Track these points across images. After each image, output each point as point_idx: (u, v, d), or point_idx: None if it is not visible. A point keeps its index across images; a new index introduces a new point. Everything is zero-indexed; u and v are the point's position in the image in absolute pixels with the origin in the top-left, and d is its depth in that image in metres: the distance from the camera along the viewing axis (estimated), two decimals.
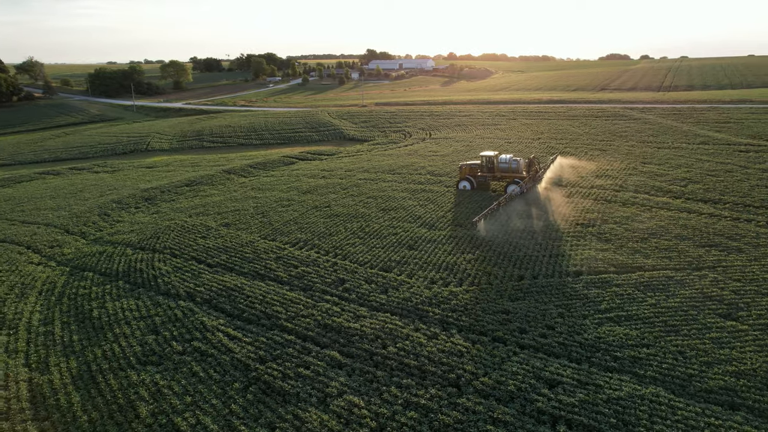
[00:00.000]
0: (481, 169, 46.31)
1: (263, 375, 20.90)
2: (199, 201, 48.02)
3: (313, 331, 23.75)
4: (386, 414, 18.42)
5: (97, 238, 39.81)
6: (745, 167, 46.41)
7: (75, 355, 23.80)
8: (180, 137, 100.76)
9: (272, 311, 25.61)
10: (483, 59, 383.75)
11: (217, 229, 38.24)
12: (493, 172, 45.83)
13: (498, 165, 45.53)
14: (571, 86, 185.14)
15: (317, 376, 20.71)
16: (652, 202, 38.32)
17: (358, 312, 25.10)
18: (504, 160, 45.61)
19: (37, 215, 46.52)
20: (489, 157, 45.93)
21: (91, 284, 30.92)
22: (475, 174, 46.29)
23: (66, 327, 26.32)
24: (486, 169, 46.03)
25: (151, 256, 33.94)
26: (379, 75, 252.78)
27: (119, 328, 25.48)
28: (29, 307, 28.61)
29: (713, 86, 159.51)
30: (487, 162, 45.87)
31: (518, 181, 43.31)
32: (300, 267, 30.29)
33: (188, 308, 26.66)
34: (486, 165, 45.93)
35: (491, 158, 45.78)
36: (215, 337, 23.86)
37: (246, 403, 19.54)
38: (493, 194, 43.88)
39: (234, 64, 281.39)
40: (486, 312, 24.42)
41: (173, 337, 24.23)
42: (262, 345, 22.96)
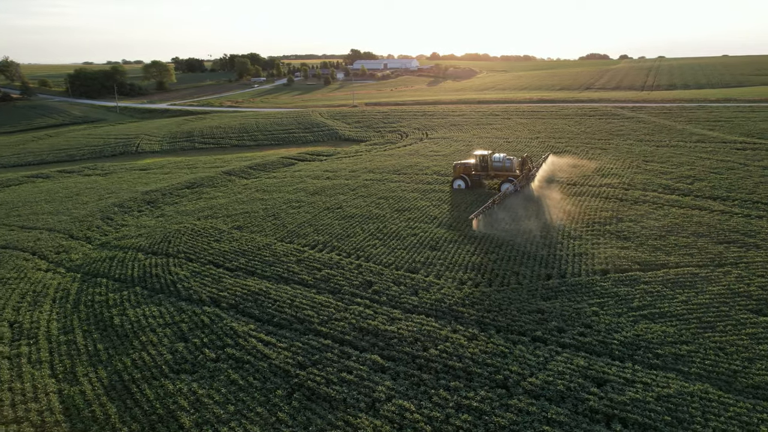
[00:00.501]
0: (474, 168, 46.84)
1: (306, 381, 20.52)
2: (204, 203, 47.16)
3: (350, 334, 23.43)
4: (439, 417, 18.22)
5: (104, 243, 38.76)
6: (746, 165, 47.42)
7: (102, 364, 23.06)
8: (170, 139, 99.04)
9: (303, 315, 25.20)
10: (465, 59, 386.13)
11: (229, 232, 37.57)
12: (487, 170, 46.41)
13: (492, 164, 46.13)
14: (555, 86, 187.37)
15: (361, 380, 20.41)
16: (662, 200, 38.85)
17: (392, 314, 24.86)
18: (498, 158, 46.25)
19: (36, 220, 45.12)
20: (483, 155, 46.49)
21: (107, 291, 30.06)
22: (469, 173, 46.74)
23: (88, 335, 25.50)
24: (480, 167, 46.59)
25: (166, 261, 33.16)
26: (364, 75, 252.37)
27: (145, 335, 24.78)
28: (45, 316, 27.67)
29: (693, 86, 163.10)
30: (481, 161, 46.41)
31: (512, 180, 43.88)
32: (324, 270, 29.90)
33: (214, 314, 26.08)
34: (480, 164, 46.48)
35: (485, 157, 46.33)
36: (248, 343, 23.37)
37: (292, 410, 19.15)
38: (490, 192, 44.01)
39: (217, 65, 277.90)
40: (521, 312, 24.40)
41: (204, 344, 23.65)
42: (299, 350, 22.56)
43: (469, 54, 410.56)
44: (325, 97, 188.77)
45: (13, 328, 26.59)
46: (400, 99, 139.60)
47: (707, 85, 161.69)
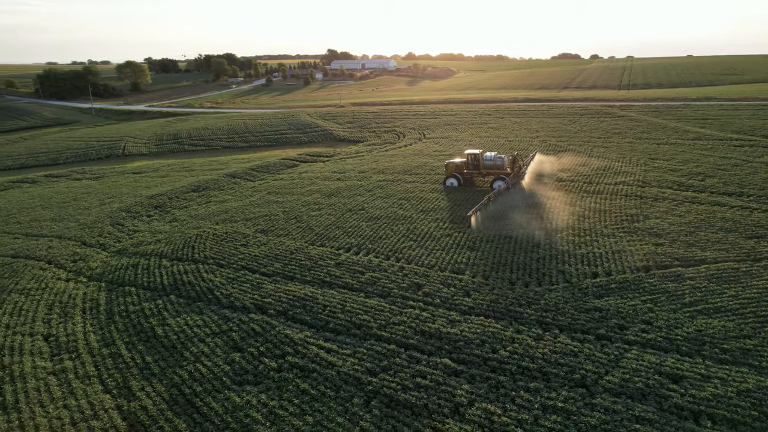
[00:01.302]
0: (466, 167, 47.82)
1: (380, 388, 20.07)
2: (216, 207, 45.91)
3: (413, 338, 23.06)
4: (528, 419, 18.06)
5: (121, 250, 37.28)
6: (748, 161, 48.96)
7: (156, 378, 22.07)
8: (156, 141, 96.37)
9: (359, 320, 24.70)
10: (441, 59, 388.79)
11: (254, 236, 36.63)
12: (479, 169, 47.42)
13: (483, 162, 47.24)
14: (535, 85, 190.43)
15: (438, 385, 20.09)
16: (680, 197, 39.73)
17: (450, 317, 24.60)
18: (489, 157, 47.48)
19: (40, 227, 43.09)
20: (475, 154, 47.65)
21: (139, 300, 28.86)
22: (461, 171, 47.69)
23: (132, 348, 24.40)
24: (471, 166, 47.68)
25: (195, 267, 32.07)
26: (343, 75, 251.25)
27: (194, 346, 23.85)
28: (80, 328, 26.37)
29: (667, 84, 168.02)
30: (472, 159, 47.55)
31: (504, 177, 44.98)
32: (366, 273, 29.41)
33: (264, 321, 25.31)
34: (471, 162, 47.62)
35: (477, 156, 47.49)
36: (308, 350, 22.75)
37: (374, 418, 18.68)
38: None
39: (191, 65, 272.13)
40: (579, 310, 24.49)
41: (261, 354, 22.91)
42: (365, 356, 22.07)
43: (444, 54, 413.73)
44: (306, 97, 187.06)
45: (50, 341, 25.25)
46: (386, 99, 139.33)
47: (680, 84, 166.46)
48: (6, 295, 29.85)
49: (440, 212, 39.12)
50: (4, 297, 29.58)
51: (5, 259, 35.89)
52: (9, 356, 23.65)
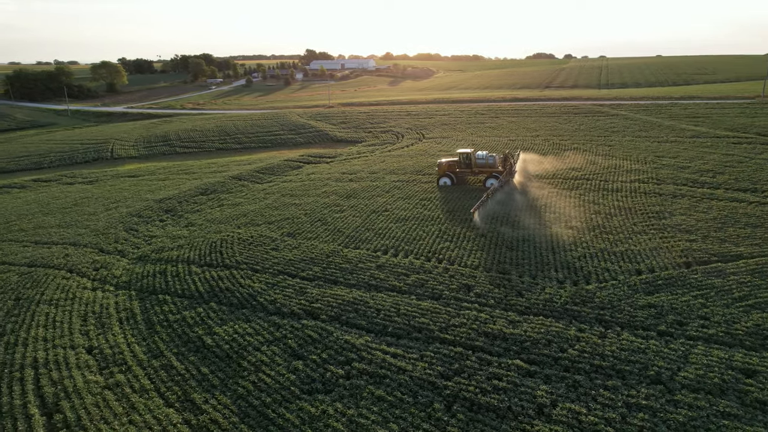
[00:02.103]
0: (459, 165, 48.59)
1: (458, 391, 19.81)
2: (232, 211, 44.82)
3: (478, 340, 22.86)
4: (615, 418, 18.06)
5: (142, 257, 36.00)
6: (751, 158, 50.44)
7: (218, 389, 21.30)
8: (145, 143, 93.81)
9: (417, 323, 24.36)
10: (418, 59, 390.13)
11: (282, 240, 35.86)
12: (471, 167, 48.22)
13: (476, 161, 48.17)
14: (516, 84, 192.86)
15: (516, 387, 19.94)
16: (697, 194, 40.61)
17: (509, 317, 24.49)
18: (481, 156, 48.56)
19: (48, 234, 41.28)
20: (467, 153, 48.58)
21: (178, 308, 27.87)
22: (454, 170, 48.43)
23: (183, 358, 23.51)
24: (464, 165, 48.46)
25: (229, 273, 31.17)
26: (323, 75, 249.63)
27: (251, 355, 23.13)
28: (121, 339, 25.29)
29: (644, 84, 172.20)
30: (464, 159, 48.37)
31: (497, 175, 46.10)
32: (411, 275, 29.07)
33: (318, 327, 24.73)
34: (464, 161, 48.41)
35: (469, 155, 48.41)
36: (374, 356, 22.31)
37: (460, 423, 18.41)
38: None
39: (167, 66, 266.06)
40: (634, 307, 24.69)
41: (324, 361, 22.35)
42: (434, 360, 21.76)
43: (422, 54, 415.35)
44: (289, 97, 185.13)
45: (94, 354, 24.13)
46: (374, 99, 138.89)
47: (657, 83, 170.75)
48: (34, 306, 28.44)
49: (466, 212, 39.01)
50: (33, 308, 28.17)
51: (22, 268, 34.23)
52: (56, 371, 22.49)
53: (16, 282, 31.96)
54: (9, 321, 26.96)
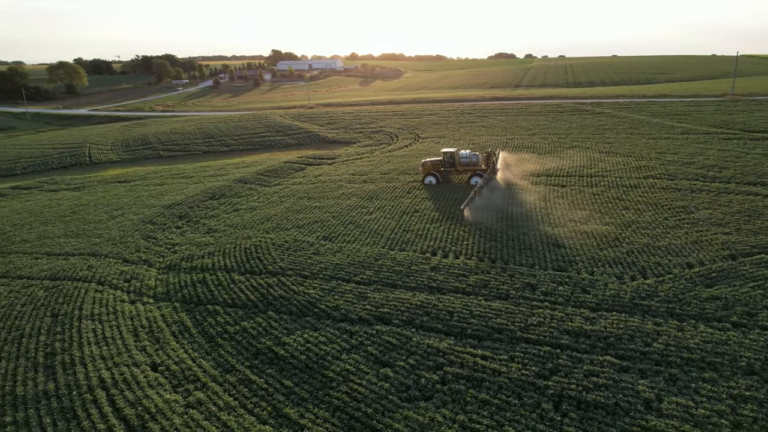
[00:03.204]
0: (443, 164, 49.65)
1: (561, 391, 19.73)
2: (251, 215, 43.38)
3: (562, 338, 22.88)
4: (725, 410, 18.41)
5: (171, 266, 34.32)
6: (746, 153, 52.89)
7: (310, 402, 20.46)
8: (123, 147, 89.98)
9: (495, 324, 24.18)
10: (383, 59, 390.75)
11: (320, 244, 34.96)
12: (455, 166, 49.33)
13: (459, 160, 49.38)
14: (487, 84, 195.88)
15: (616, 383, 20.03)
16: (712, 188, 42.19)
17: (583, 314, 24.66)
18: (464, 155, 49.91)
19: (58, 245, 38.75)
20: (450, 152, 49.83)
21: (234, 319, 26.67)
22: (438, 169, 49.46)
23: (259, 371, 22.49)
24: (448, 164, 49.58)
25: (277, 280, 30.09)
26: (291, 76, 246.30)
27: (333, 364, 22.35)
28: (183, 354, 23.96)
29: (609, 82, 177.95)
30: (448, 158, 49.52)
31: (481, 174, 47.47)
32: (470, 275, 28.87)
33: (394, 333, 24.17)
34: (447, 161, 49.54)
35: (452, 154, 49.64)
36: (463, 359, 21.96)
37: (575, 422, 18.31)
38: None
39: (128, 67, 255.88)
40: (699, 300, 25.31)
41: (413, 366, 21.85)
42: (525, 360, 21.62)
43: (387, 54, 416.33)
44: (261, 99, 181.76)
45: (161, 371, 22.73)
46: (353, 99, 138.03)
47: (621, 82, 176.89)
48: (76, 322, 26.57)
49: (500, 211, 39.14)
50: (77, 324, 26.32)
51: (44, 282, 31.97)
52: (129, 391, 21.05)
53: (45, 297, 29.83)
54: (54, 339, 25.09)
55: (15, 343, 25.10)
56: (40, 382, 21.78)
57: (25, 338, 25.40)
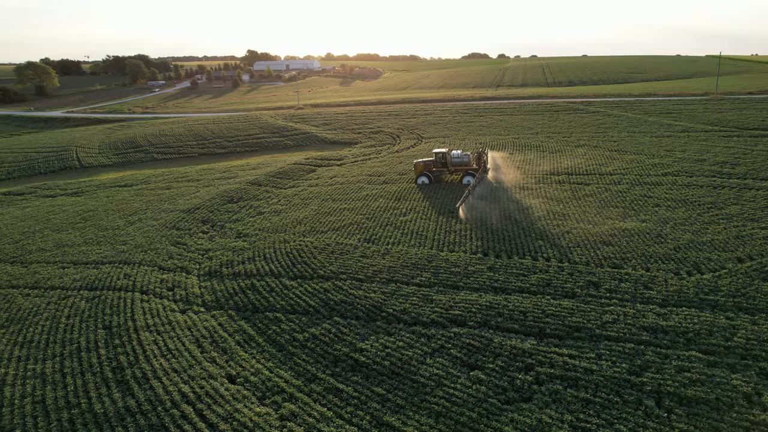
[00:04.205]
0: (435, 165, 50.33)
1: (659, 387, 19.84)
2: (279, 219, 42.41)
3: (643, 335, 23.04)
4: None
5: (211, 272, 33.20)
6: (750, 149, 54.68)
7: (408, 409, 20.03)
8: (112, 150, 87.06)
9: (571, 323, 24.20)
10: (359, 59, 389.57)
11: (365, 247, 34.40)
12: (447, 166, 50.11)
13: (451, 160, 50.27)
14: (469, 84, 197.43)
15: (708, 377, 20.25)
16: (731, 184, 43.45)
17: (653, 310, 24.91)
18: (456, 155, 50.93)
19: (81, 253, 37.00)
20: (442, 153, 50.66)
21: (299, 326, 25.93)
22: (431, 169, 50.10)
23: (344, 380, 21.91)
24: (440, 164, 50.26)
25: (332, 285, 29.42)
26: (270, 76, 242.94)
27: (422, 369, 21.96)
28: (257, 364, 23.15)
29: (588, 82, 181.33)
30: (440, 158, 50.25)
31: (473, 173, 48.13)
32: (531, 275, 28.86)
33: (473, 334, 23.92)
34: (439, 161, 50.25)
35: (444, 154, 50.47)
36: (551, 359, 21.89)
37: (683, 418, 18.44)
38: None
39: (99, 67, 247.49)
40: (764, 293, 25.93)
41: (503, 368, 21.66)
42: (613, 357, 21.68)
43: (362, 54, 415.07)
44: (243, 99, 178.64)
45: (239, 383, 21.88)
46: (341, 100, 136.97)
47: (600, 81, 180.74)
48: (133, 334, 25.36)
49: (537, 210, 39.38)
50: (134, 336, 25.11)
51: (82, 292, 30.45)
52: (217, 405, 20.18)
53: (88, 308, 28.39)
54: (117, 353, 23.87)
55: (74, 357, 23.80)
56: (118, 399, 20.67)
57: (84, 352, 24.11)
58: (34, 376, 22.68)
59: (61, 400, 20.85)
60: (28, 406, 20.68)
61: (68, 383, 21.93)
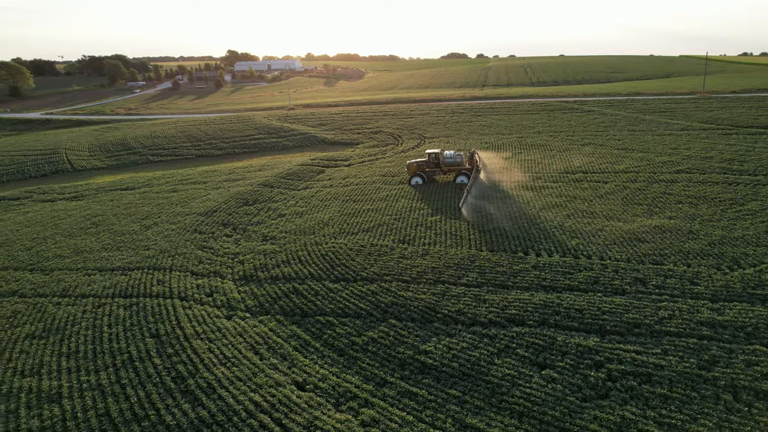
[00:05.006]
0: (428, 165, 50.83)
1: (732, 381, 20.14)
2: (302, 221, 41.78)
3: (702, 330, 23.36)
4: None
5: (247, 277, 32.49)
6: (752, 147, 56.19)
7: (488, 410, 19.89)
8: (104, 153, 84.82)
9: (628, 319, 24.42)
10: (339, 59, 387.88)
11: (403, 247, 34.12)
12: (440, 166, 50.67)
13: (444, 160, 50.87)
14: (455, 83, 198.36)
15: None
16: (745, 180, 44.53)
17: (705, 305, 25.30)
18: (449, 155, 51.62)
19: (103, 259, 35.77)
20: (435, 153, 51.38)
21: (355, 330, 25.54)
22: (424, 169, 50.60)
23: (415, 383, 21.66)
24: (433, 164, 50.81)
25: (378, 287, 29.08)
26: (252, 77, 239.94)
27: (492, 370, 21.85)
28: (321, 370, 22.71)
29: (572, 81, 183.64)
30: (433, 158, 50.84)
31: (466, 173, 48.94)
32: (576, 273, 29.04)
33: (534, 333, 23.93)
34: (432, 161, 50.81)
35: (437, 154, 51.17)
36: (618, 356, 22.02)
37: (761, 413, 18.78)
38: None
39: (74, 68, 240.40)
40: None
41: (573, 366, 21.70)
42: (679, 353, 21.93)
43: (342, 54, 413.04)
44: (228, 100, 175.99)
45: (308, 390, 21.40)
46: (331, 100, 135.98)
47: (583, 80, 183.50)
48: (184, 342, 24.58)
49: (563, 209, 39.71)
50: (186, 344, 24.34)
51: (117, 300, 29.40)
52: (294, 413, 19.68)
53: (129, 316, 27.43)
54: (173, 362, 23.09)
55: (128, 368, 22.93)
56: (188, 410, 19.97)
57: (137, 362, 23.26)
58: (90, 387, 21.77)
59: (127, 413, 20.05)
60: (93, 419, 19.83)
61: (129, 394, 21.10)
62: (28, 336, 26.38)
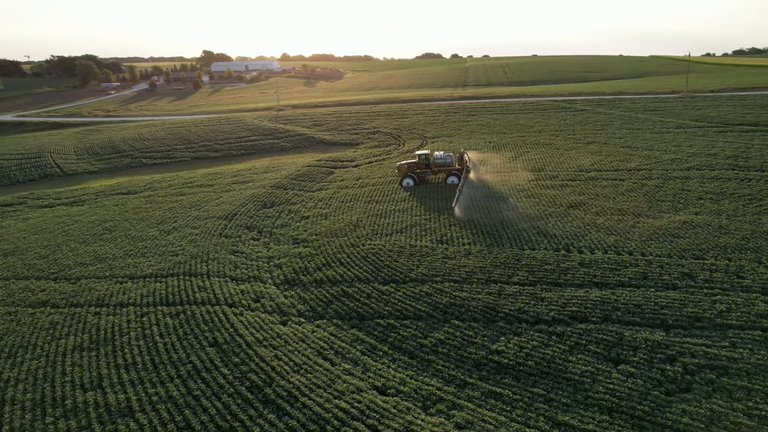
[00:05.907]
0: (418, 166, 51.40)
1: None
2: (330, 223, 41.19)
3: (763, 323, 24.00)
4: None
5: (289, 281, 31.85)
6: (750, 144, 58.24)
7: (576, 407, 19.99)
8: (92, 156, 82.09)
9: (688, 313, 24.90)
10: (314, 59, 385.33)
11: (443, 248, 33.99)
12: (430, 167, 51.33)
13: (434, 161, 51.63)
14: (436, 83, 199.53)
15: None
16: (755, 176, 46.03)
17: (758, 298, 25.99)
18: (439, 156, 52.46)
19: (130, 266, 34.49)
20: (425, 154, 52.09)
21: (419, 332, 25.30)
22: (414, 171, 51.15)
23: (496, 383, 21.62)
24: (423, 165, 51.47)
25: (430, 288, 28.92)
26: (231, 77, 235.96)
27: (570, 368, 21.96)
28: (397, 373, 22.45)
29: (550, 81, 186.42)
30: (423, 159, 51.51)
31: (456, 174, 49.69)
32: (623, 269, 29.46)
33: (600, 330, 24.17)
34: (422, 162, 51.43)
35: (427, 156, 51.89)
36: (689, 349, 22.42)
37: None
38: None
39: (42, 68, 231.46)
40: None
41: (647, 361, 21.98)
42: (749, 345, 22.46)
43: (317, 54, 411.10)
44: (209, 101, 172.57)
45: (390, 394, 21.07)
46: (319, 101, 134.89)
47: (561, 80, 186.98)
48: (247, 349, 23.87)
49: (590, 207, 40.28)
50: (251, 353, 23.64)
51: (161, 308, 28.34)
52: (386, 419, 19.31)
53: (178, 325, 26.48)
54: (242, 371, 22.37)
55: (196, 378, 22.11)
56: (274, 420, 19.37)
57: (204, 372, 22.46)
58: (161, 400, 20.90)
59: (210, 425, 19.31)
60: None
61: (206, 406, 20.34)
62: (76, 348, 25.18)
